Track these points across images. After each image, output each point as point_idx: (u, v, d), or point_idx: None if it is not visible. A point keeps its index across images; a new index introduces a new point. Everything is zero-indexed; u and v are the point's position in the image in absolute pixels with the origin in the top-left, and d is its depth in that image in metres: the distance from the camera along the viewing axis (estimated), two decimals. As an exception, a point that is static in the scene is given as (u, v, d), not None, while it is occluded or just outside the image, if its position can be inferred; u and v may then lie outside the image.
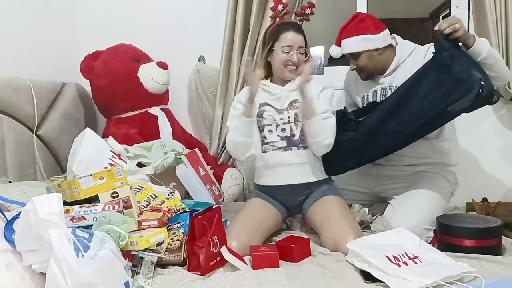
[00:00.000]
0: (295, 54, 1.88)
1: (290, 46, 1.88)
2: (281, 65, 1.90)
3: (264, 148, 1.93)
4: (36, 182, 1.95)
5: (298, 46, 1.88)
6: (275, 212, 1.93)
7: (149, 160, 2.09)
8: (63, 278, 1.16)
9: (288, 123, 1.90)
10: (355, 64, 2.08)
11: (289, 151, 1.90)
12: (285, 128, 1.90)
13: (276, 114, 1.91)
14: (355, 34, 2.03)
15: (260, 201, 1.93)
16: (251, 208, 1.90)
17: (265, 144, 1.92)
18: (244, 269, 1.56)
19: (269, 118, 1.91)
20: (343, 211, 1.86)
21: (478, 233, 1.64)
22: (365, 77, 2.12)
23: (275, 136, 1.91)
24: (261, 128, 1.92)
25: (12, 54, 2.14)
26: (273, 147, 1.91)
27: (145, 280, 1.43)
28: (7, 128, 1.96)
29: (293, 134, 1.90)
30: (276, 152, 1.91)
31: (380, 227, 1.94)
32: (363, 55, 2.04)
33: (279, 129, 1.90)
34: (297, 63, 1.89)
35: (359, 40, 2.03)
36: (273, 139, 1.91)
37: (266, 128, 1.91)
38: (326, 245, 1.76)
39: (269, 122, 1.91)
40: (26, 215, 1.20)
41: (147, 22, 2.68)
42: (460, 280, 1.39)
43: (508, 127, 2.56)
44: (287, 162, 1.90)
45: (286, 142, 1.90)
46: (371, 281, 1.42)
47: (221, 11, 2.54)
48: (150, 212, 1.66)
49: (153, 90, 2.45)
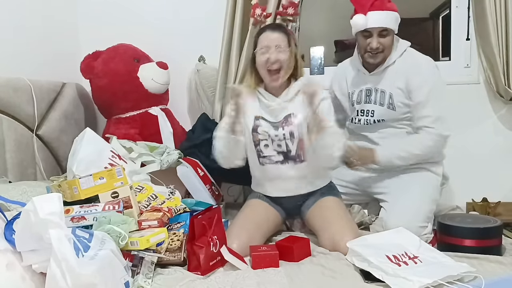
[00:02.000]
0: (272, 54, 1.78)
1: (266, 46, 1.80)
2: (262, 69, 1.82)
3: (262, 161, 1.89)
4: (36, 182, 1.95)
5: (275, 45, 1.79)
6: (275, 213, 1.93)
7: (153, 158, 2.10)
8: (63, 278, 1.16)
9: (284, 140, 1.84)
10: (379, 43, 1.97)
11: (286, 165, 1.87)
12: (281, 144, 1.85)
13: (271, 128, 1.85)
14: (391, 9, 1.95)
15: (260, 202, 1.93)
16: (251, 209, 1.90)
17: (262, 157, 1.89)
18: (244, 269, 1.56)
19: (263, 133, 1.85)
20: (340, 212, 1.86)
21: (478, 233, 1.64)
22: (380, 60, 2.02)
23: (272, 150, 1.87)
24: (257, 143, 1.87)
25: (12, 54, 2.14)
26: (270, 160, 1.88)
27: (145, 280, 1.43)
28: (7, 128, 1.96)
29: (289, 150, 1.85)
30: (274, 165, 1.88)
31: (378, 228, 1.94)
32: (391, 34, 1.97)
33: (275, 144, 1.86)
34: (274, 62, 1.79)
35: (394, 16, 1.95)
36: (269, 153, 1.87)
37: (262, 143, 1.87)
38: (324, 246, 1.76)
39: (264, 137, 1.86)
40: (26, 215, 1.20)
41: (147, 22, 2.68)
42: (460, 280, 1.39)
43: (508, 127, 2.56)
44: (286, 175, 1.88)
45: (283, 156, 1.87)
46: (371, 281, 1.42)
47: (221, 11, 2.53)
48: (150, 212, 1.66)
49: (153, 90, 2.45)
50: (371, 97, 2.09)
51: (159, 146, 2.24)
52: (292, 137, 1.83)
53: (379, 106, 2.07)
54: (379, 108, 2.07)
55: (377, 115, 2.08)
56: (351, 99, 2.16)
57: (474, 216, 1.79)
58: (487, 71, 2.52)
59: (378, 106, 2.07)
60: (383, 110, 2.06)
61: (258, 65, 1.85)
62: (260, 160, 1.89)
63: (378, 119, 2.08)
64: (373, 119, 2.09)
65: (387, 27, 1.96)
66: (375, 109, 2.08)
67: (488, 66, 2.51)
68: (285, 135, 1.84)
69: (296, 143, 1.84)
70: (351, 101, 2.17)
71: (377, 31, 1.97)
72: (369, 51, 2.00)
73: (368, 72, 2.09)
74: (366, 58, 2.05)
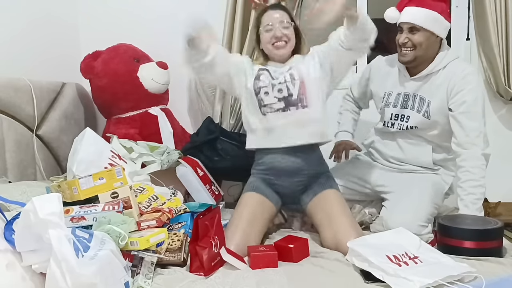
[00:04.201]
0: (277, 29, 1.85)
1: (270, 24, 1.86)
2: (268, 45, 1.89)
3: (263, 111, 1.88)
4: (36, 182, 1.95)
5: (279, 21, 1.85)
6: (270, 205, 1.89)
7: (154, 158, 2.10)
8: (63, 278, 1.16)
9: (285, 83, 1.85)
10: (407, 38, 1.94)
11: (287, 112, 1.85)
12: (282, 88, 1.85)
13: (271, 79, 1.88)
14: (429, 8, 1.91)
15: (254, 196, 1.88)
16: (245, 205, 1.86)
17: (263, 106, 1.87)
18: (243, 269, 1.55)
19: (264, 80, 1.87)
20: (343, 208, 1.85)
21: (479, 235, 1.63)
22: (410, 59, 1.97)
23: (272, 98, 1.86)
24: (257, 91, 1.87)
25: (12, 54, 2.14)
26: (271, 109, 1.86)
27: (145, 280, 1.43)
28: (7, 128, 1.96)
29: (290, 93, 1.85)
30: (275, 113, 1.86)
31: (379, 227, 1.94)
32: (422, 32, 1.92)
33: (276, 89, 1.85)
34: (281, 36, 1.85)
35: (430, 15, 1.91)
36: (270, 101, 1.86)
37: (262, 90, 1.86)
38: (326, 243, 1.75)
39: (265, 84, 1.87)
40: (26, 215, 1.20)
41: (147, 22, 2.68)
42: (460, 280, 1.39)
43: (508, 127, 2.56)
44: (287, 123, 1.85)
45: (284, 103, 1.85)
46: (371, 281, 1.42)
47: (221, 11, 2.53)
48: (150, 213, 1.66)
49: (153, 90, 2.45)
50: (408, 102, 2.05)
51: (160, 146, 2.24)
52: (293, 79, 1.85)
53: (416, 112, 2.03)
54: (415, 115, 2.03)
55: (411, 121, 2.05)
56: (387, 100, 2.11)
57: (474, 218, 1.78)
58: (487, 71, 2.52)
59: (415, 113, 2.03)
60: (419, 117, 2.03)
61: (264, 42, 1.90)
62: (261, 110, 1.88)
63: (411, 125, 2.05)
64: (407, 124, 2.06)
65: (415, 24, 1.92)
66: (410, 115, 2.05)
67: (488, 66, 2.51)
68: (285, 77, 1.86)
69: (297, 86, 1.85)
70: (386, 102, 2.12)
71: (407, 27, 1.93)
72: (400, 46, 1.97)
73: (409, 75, 2.05)
74: (398, 56, 2.02)
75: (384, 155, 2.19)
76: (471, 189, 1.84)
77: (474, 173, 1.85)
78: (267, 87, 1.86)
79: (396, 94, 2.09)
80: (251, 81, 1.89)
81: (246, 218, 1.81)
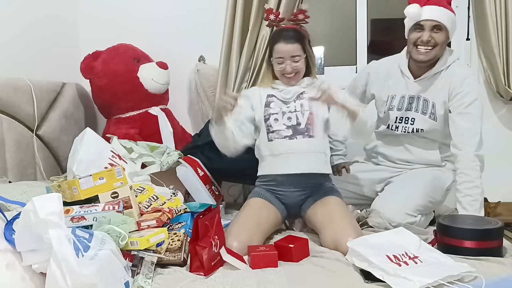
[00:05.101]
0: (288, 65, 1.91)
1: (281, 58, 1.91)
2: (279, 73, 1.96)
3: (270, 137, 1.94)
4: (36, 182, 1.95)
5: (290, 56, 1.90)
6: (275, 211, 1.92)
7: (154, 159, 2.10)
8: (63, 278, 1.16)
9: (295, 112, 1.92)
10: (431, 36, 1.92)
11: (294, 140, 1.91)
12: (291, 116, 1.92)
13: (283, 105, 1.94)
14: (450, 9, 1.94)
15: (260, 201, 1.93)
16: (251, 207, 1.90)
17: (271, 132, 1.93)
18: (244, 268, 1.55)
19: (275, 107, 1.94)
20: (343, 210, 1.86)
21: (479, 235, 1.63)
22: (431, 57, 1.96)
23: (281, 124, 1.92)
24: (267, 117, 1.94)
25: (12, 54, 2.14)
26: (278, 135, 1.92)
27: (145, 280, 1.43)
28: (7, 128, 1.96)
29: (299, 122, 1.91)
30: (282, 140, 1.91)
31: (376, 219, 1.95)
32: (444, 31, 1.92)
33: (285, 117, 1.92)
34: (290, 72, 1.92)
35: (451, 16, 1.93)
36: (278, 127, 1.92)
37: (272, 117, 1.93)
38: (326, 244, 1.75)
39: (276, 111, 1.93)
40: (26, 215, 1.20)
41: (147, 22, 2.68)
42: (460, 280, 1.39)
43: (508, 127, 2.56)
44: (292, 150, 1.90)
45: (292, 131, 1.91)
46: (371, 280, 1.42)
47: (221, 11, 2.53)
48: (150, 213, 1.66)
49: (153, 90, 2.45)
50: (412, 105, 2.06)
51: (160, 146, 2.24)
52: (303, 109, 1.91)
53: (421, 114, 2.04)
54: (421, 117, 2.04)
55: (417, 123, 2.06)
56: (390, 103, 2.11)
57: (474, 217, 1.79)
58: (487, 71, 2.52)
59: (420, 115, 2.04)
60: (425, 119, 2.04)
61: (275, 69, 1.97)
62: (268, 136, 1.93)
63: (417, 128, 2.06)
64: (413, 127, 2.07)
65: (441, 23, 1.91)
66: (415, 117, 2.06)
67: (488, 66, 2.51)
68: (296, 107, 1.92)
69: (306, 116, 1.91)
70: (389, 105, 2.12)
71: (430, 26, 1.92)
72: (419, 44, 1.94)
73: (412, 78, 2.06)
74: (414, 54, 1.98)
75: (390, 157, 2.19)
76: (466, 190, 1.85)
77: (468, 174, 1.86)
78: (278, 114, 1.93)
79: (400, 97, 2.09)
80: (259, 113, 1.96)
81: (252, 218, 1.82)
